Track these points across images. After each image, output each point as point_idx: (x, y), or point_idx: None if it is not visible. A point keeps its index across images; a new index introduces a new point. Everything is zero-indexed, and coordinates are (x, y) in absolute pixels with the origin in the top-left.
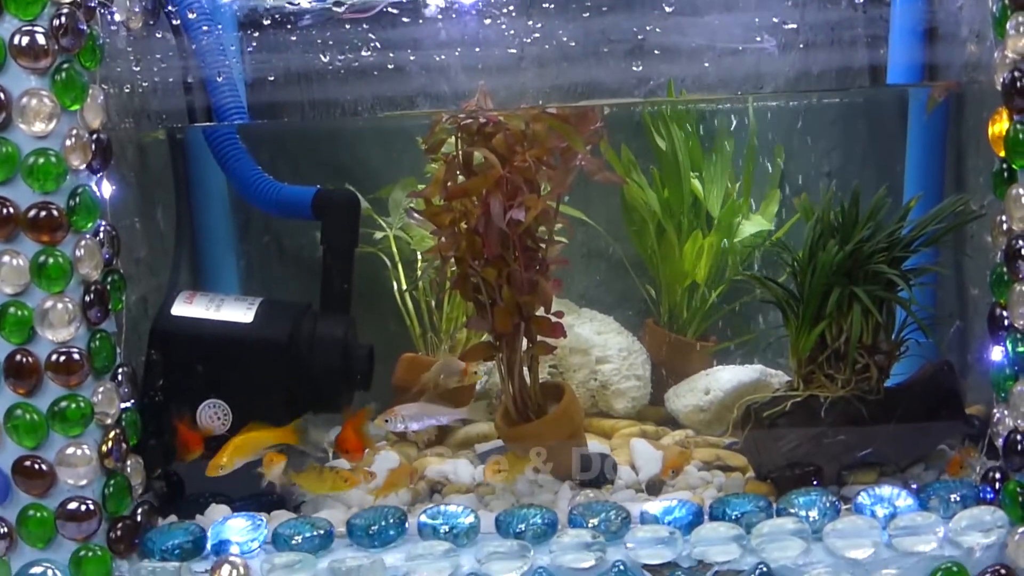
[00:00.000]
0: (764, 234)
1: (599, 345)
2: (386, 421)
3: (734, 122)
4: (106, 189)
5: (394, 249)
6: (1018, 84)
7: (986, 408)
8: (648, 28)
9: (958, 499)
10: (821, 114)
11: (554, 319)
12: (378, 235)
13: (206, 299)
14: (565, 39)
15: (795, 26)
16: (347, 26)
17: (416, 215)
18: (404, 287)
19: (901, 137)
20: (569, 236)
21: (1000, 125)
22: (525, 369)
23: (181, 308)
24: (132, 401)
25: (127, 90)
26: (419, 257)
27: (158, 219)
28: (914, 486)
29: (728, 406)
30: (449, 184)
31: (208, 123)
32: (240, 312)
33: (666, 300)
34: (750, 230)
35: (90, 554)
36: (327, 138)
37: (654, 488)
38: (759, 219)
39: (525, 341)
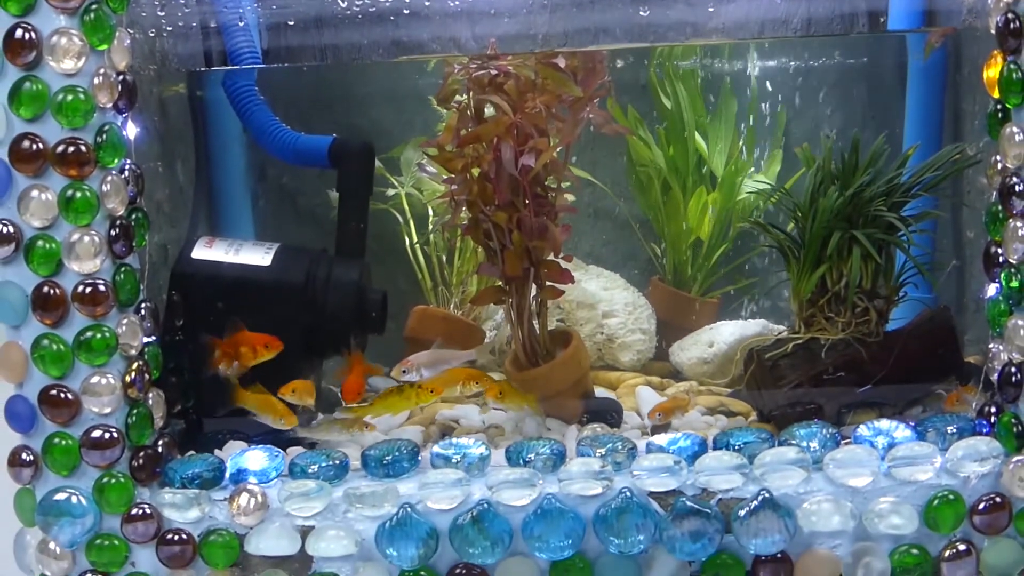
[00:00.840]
0: (768, 190)
1: (605, 300)
2: (404, 372)
3: (730, 81)
4: (131, 131)
5: (406, 206)
6: (1011, 26)
7: (983, 358)
8: None
9: (954, 431)
10: (822, 77)
11: (563, 264)
12: (390, 192)
13: (225, 243)
14: None
15: None
16: None
17: (429, 168)
18: (416, 240)
19: (900, 99)
20: (576, 192)
21: (995, 68)
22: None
23: (201, 252)
24: (154, 337)
25: (151, 34)
26: (430, 212)
27: (178, 171)
28: (912, 423)
29: (731, 358)
30: (461, 131)
31: (223, 67)
32: (258, 256)
33: (671, 258)
34: (753, 188)
35: (113, 481)
36: (340, 100)
37: (658, 432)
38: (762, 178)
39: (534, 288)
